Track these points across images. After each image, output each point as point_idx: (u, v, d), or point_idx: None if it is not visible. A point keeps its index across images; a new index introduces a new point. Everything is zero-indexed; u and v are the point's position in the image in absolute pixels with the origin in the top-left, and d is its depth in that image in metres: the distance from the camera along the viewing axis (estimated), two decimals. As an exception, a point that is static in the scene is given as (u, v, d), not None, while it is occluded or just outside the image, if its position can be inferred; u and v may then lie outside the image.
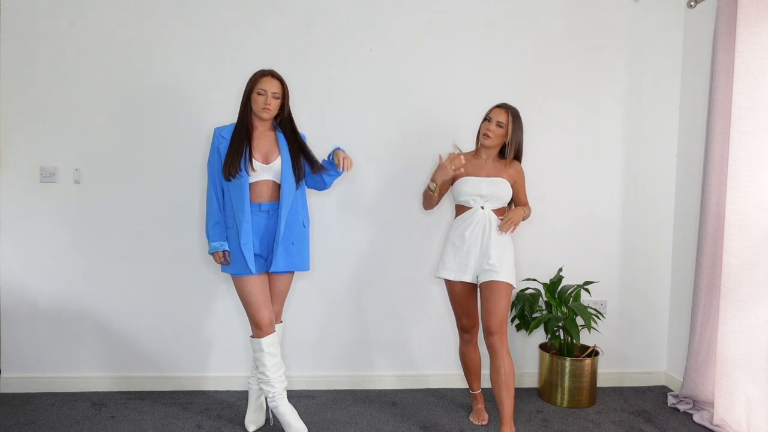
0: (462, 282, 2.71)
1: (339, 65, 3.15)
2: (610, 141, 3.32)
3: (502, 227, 2.63)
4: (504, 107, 2.68)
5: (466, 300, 2.75)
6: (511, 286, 2.63)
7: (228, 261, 2.59)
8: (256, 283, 2.57)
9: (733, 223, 2.75)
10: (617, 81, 3.29)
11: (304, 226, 2.65)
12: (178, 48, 3.08)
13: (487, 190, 2.66)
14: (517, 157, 2.75)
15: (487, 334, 2.61)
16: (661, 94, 3.32)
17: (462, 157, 2.57)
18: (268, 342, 2.60)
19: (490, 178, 2.68)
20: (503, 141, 2.68)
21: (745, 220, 2.69)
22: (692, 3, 3.21)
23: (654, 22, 3.29)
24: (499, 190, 2.67)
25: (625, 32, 3.28)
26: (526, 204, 2.81)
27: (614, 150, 3.32)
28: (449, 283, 2.75)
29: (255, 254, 2.55)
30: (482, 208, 2.67)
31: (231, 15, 3.09)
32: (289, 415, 2.64)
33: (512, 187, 2.74)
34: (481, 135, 2.70)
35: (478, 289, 2.71)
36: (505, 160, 2.72)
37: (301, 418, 2.82)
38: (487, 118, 2.69)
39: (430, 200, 2.76)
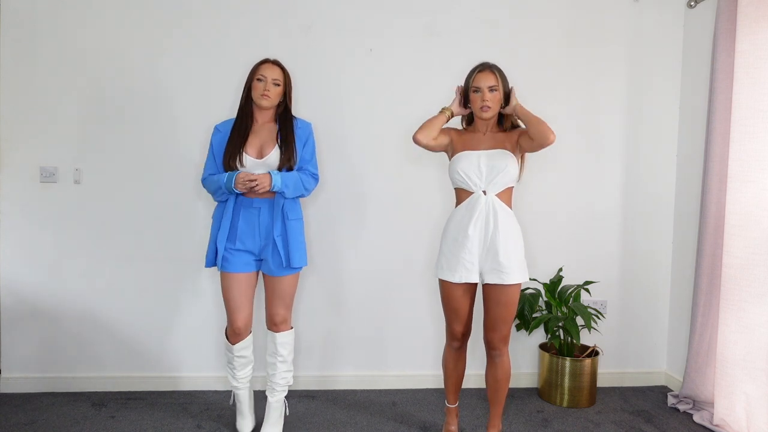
0: (464, 284, 2.40)
1: (339, 65, 3.15)
2: (610, 141, 3.32)
3: (507, 109, 2.37)
4: (488, 68, 2.37)
5: (464, 304, 2.44)
6: (520, 285, 2.39)
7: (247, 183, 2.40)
8: (239, 281, 2.51)
9: (733, 223, 2.75)
10: (617, 81, 3.29)
11: (290, 218, 2.50)
12: (179, 48, 3.08)
13: (488, 165, 2.32)
14: (516, 126, 2.45)
15: (491, 347, 2.45)
16: (661, 94, 3.32)
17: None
18: (239, 347, 2.59)
19: (491, 151, 2.36)
20: (500, 106, 2.40)
21: (745, 220, 2.69)
22: (692, 3, 3.21)
23: (654, 22, 3.29)
24: (502, 163, 2.32)
25: (625, 32, 3.28)
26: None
27: (614, 150, 3.32)
28: (446, 285, 2.43)
29: (244, 251, 2.50)
30: (484, 193, 2.34)
31: (231, 15, 3.09)
32: (244, 405, 2.69)
33: (519, 149, 2.42)
34: (477, 109, 2.37)
35: (481, 289, 2.45)
36: (508, 133, 2.42)
37: (302, 418, 2.82)
38: (474, 89, 2.36)
39: (435, 124, 2.38)
